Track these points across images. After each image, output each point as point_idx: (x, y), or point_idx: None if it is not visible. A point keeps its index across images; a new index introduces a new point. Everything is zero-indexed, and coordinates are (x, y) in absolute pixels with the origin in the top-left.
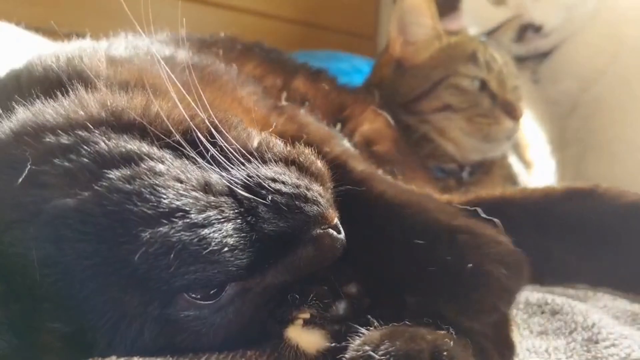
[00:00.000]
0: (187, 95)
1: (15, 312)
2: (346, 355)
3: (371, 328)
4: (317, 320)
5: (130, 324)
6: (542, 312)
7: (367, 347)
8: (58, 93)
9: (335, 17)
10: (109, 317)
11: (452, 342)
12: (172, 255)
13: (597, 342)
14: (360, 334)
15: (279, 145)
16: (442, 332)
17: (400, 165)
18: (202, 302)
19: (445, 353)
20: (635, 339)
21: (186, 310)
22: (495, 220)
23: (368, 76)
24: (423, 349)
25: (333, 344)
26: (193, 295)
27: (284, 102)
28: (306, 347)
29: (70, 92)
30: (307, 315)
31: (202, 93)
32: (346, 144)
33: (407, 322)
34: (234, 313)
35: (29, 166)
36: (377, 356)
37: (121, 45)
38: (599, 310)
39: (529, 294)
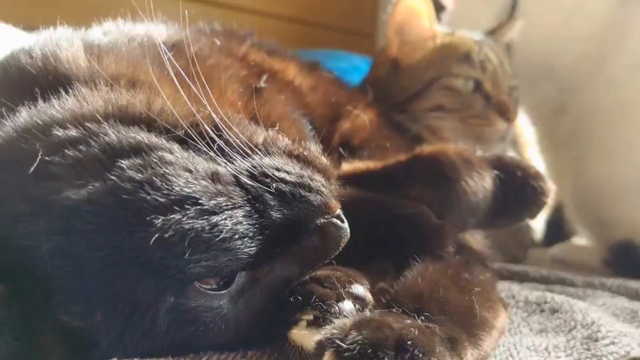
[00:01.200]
0: (192, 86)
1: (17, 314)
2: (314, 339)
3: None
4: (320, 322)
5: (143, 315)
6: (542, 311)
7: (335, 332)
8: (56, 91)
9: (333, 15)
10: (122, 309)
11: (417, 331)
12: (186, 242)
13: (596, 340)
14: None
15: (283, 140)
16: (410, 320)
17: (372, 148)
18: (213, 292)
19: (409, 342)
20: (634, 336)
21: (198, 300)
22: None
23: (365, 75)
24: (388, 336)
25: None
26: (205, 286)
27: (262, 84)
28: (310, 348)
29: (70, 91)
30: (310, 317)
31: (205, 83)
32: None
33: (378, 312)
34: (243, 304)
35: (40, 157)
36: (344, 345)
37: (98, 30)
38: (598, 308)
39: (529, 293)
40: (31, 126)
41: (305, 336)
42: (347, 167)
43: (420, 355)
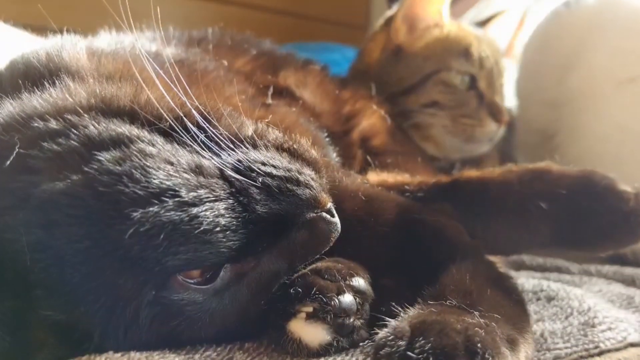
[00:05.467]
0: (173, 87)
1: (8, 309)
2: (381, 352)
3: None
4: (320, 314)
5: (124, 308)
6: (538, 299)
7: (401, 343)
8: (44, 85)
9: (325, 8)
10: (103, 302)
11: (483, 332)
12: (162, 235)
13: (593, 326)
14: (385, 322)
15: (273, 133)
16: (469, 318)
17: (396, 155)
18: (196, 286)
19: (479, 345)
20: (630, 322)
21: (180, 293)
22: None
23: (353, 63)
24: (457, 342)
25: (336, 338)
26: (188, 279)
27: (270, 100)
28: (308, 340)
29: (56, 83)
30: (310, 309)
31: (188, 88)
32: (329, 153)
33: (431, 308)
34: (229, 298)
35: (17, 149)
36: (414, 355)
37: (106, 39)
38: (595, 294)
39: (525, 281)
40: (12, 119)
41: (304, 328)
42: (374, 177)
43: (490, 358)
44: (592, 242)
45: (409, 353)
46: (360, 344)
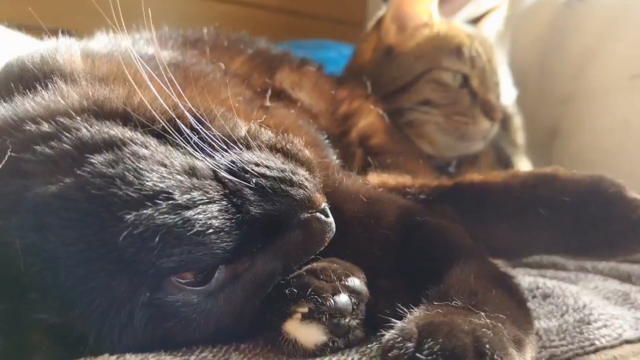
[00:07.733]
0: (166, 90)
1: (2, 312)
2: (389, 354)
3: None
4: (315, 315)
5: (119, 310)
6: (534, 297)
7: (409, 344)
8: (37, 88)
9: (322, 5)
10: (97, 304)
11: (490, 332)
12: (157, 238)
13: (589, 323)
14: (392, 323)
15: (266, 134)
16: (476, 319)
17: (395, 155)
18: (191, 287)
19: (487, 345)
20: (626, 318)
21: (175, 294)
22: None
23: (348, 63)
24: (467, 344)
25: (331, 339)
26: (182, 281)
27: (268, 103)
28: (304, 341)
29: (49, 86)
30: (305, 310)
31: (182, 91)
32: (330, 154)
33: (437, 309)
34: (224, 299)
35: (9, 153)
36: (423, 357)
37: (101, 42)
38: (590, 291)
39: (521, 279)
40: (4, 122)
41: (299, 329)
42: (374, 179)
43: (499, 359)
44: (600, 250)
45: (418, 355)
46: (356, 343)
